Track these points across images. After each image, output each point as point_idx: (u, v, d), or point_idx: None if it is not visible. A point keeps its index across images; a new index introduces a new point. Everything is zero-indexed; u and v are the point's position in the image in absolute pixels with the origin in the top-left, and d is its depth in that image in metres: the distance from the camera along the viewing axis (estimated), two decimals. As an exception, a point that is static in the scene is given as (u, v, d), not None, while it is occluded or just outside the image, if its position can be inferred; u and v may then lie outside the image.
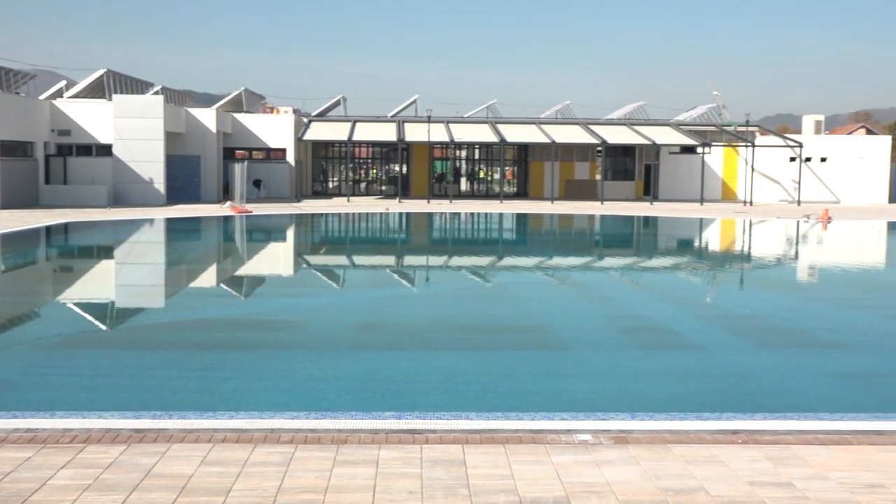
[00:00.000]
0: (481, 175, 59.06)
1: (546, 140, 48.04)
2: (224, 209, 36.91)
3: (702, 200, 48.43)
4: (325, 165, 56.66)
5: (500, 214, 39.74)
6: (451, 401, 8.03)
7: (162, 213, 34.15)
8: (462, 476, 5.46)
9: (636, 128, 51.75)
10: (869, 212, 43.83)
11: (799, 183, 50.81)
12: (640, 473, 5.54)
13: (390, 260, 23.29)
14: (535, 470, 5.59)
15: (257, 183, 46.23)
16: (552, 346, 11.13)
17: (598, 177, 51.98)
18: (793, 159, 51.83)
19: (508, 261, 23.24)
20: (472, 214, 40.01)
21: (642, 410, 7.42)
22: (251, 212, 35.94)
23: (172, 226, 30.50)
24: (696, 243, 29.94)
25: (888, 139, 55.82)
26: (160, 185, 39.13)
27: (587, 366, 9.84)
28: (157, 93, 45.11)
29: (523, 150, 54.63)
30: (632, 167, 53.70)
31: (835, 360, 10.33)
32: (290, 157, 47.54)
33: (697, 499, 5.13)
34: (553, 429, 6.59)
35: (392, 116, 53.89)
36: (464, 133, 49.47)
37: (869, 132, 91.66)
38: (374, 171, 59.81)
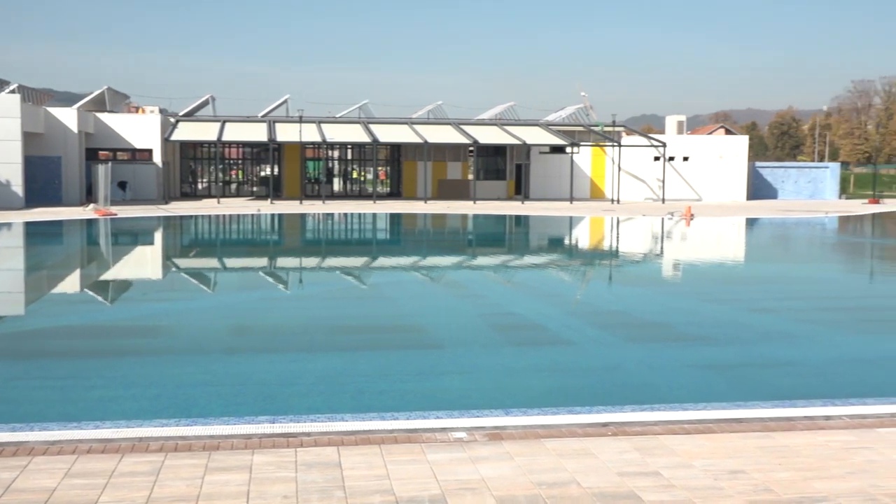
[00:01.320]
0: (354, 175, 58.86)
1: (418, 140, 48.24)
2: (87, 212, 35.66)
3: (571, 199, 49.53)
4: (193, 166, 55.41)
5: (374, 215, 39.71)
6: (326, 403, 7.97)
7: (20, 217, 32.74)
8: (338, 478, 5.42)
9: (507, 128, 52.51)
10: (729, 209, 45.66)
11: (663, 181, 52.52)
12: (514, 468, 5.61)
13: (262, 262, 22.96)
14: (411, 469, 5.60)
15: (122, 184, 44.85)
16: (427, 345, 11.18)
17: (470, 176, 52.51)
18: (657, 158, 53.54)
19: (383, 261, 23.23)
20: (345, 215, 39.83)
21: (516, 406, 7.53)
22: (116, 214, 34.84)
23: (32, 230, 29.28)
24: (567, 241, 30.59)
25: (745, 139, 58.28)
26: (18, 187, 37.53)
27: (462, 364, 9.91)
28: (13, 91, 43.19)
29: (396, 150, 54.73)
30: (503, 167, 54.47)
31: (698, 352, 10.70)
32: (157, 158, 46.29)
33: (569, 491, 5.23)
34: (428, 427, 6.62)
35: (263, 116, 53.12)
36: (336, 133, 49.20)
37: (728, 132, 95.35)
38: (240, 172, 58.83)
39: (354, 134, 49.75)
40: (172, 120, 49.55)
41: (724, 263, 22.84)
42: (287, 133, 48.04)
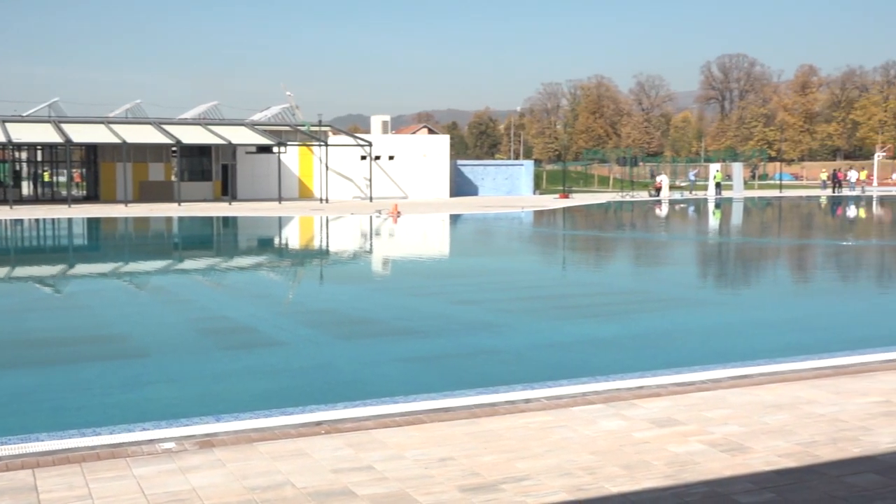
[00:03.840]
0: (46, 178, 55.14)
1: (117, 140, 46.04)
2: None
3: (280, 199, 49.25)
4: None
5: (70, 219, 37.39)
6: (19, 423, 7.38)
7: None
8: (34, 503, 5.04)
9: (211, 128, 51.30)
10: (433, 205, 47.28)
11: (370, 180, 53.46)
12: (227, 475, 5.48)
13: (-59, 274, 20.92)
14: (116, 486, 5.32)
15: None
16: (131, 354, 10.66)
17: (174, 177, 50.80)
18: (364, 158, 54.42)
19: (80, 268, 21.92)
20: (36, 221, 37.20)
21: (228, 412, 7.35)
22: None
23: None
24: (276, 241, 30.37)
25: (447, 138, 60.61)
26: None
27: (170, 372, 9.56)
28: None
29: (92, 150, 51.87)
30: (209, 167, 53.16)
31: (407, 345, 10.98)
32: None
33: (284, 493, 5.18)
34: (134, 440, 6.32)
35: (-64, 115, 48.45)
36: (23, 133, 45.84)
37: (430, 132, 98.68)
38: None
39: (45, 134, 46.59)
40: None
41: (429, 258, 23.62)
42: (-34, 133, 44.13)
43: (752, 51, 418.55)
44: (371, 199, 52.44)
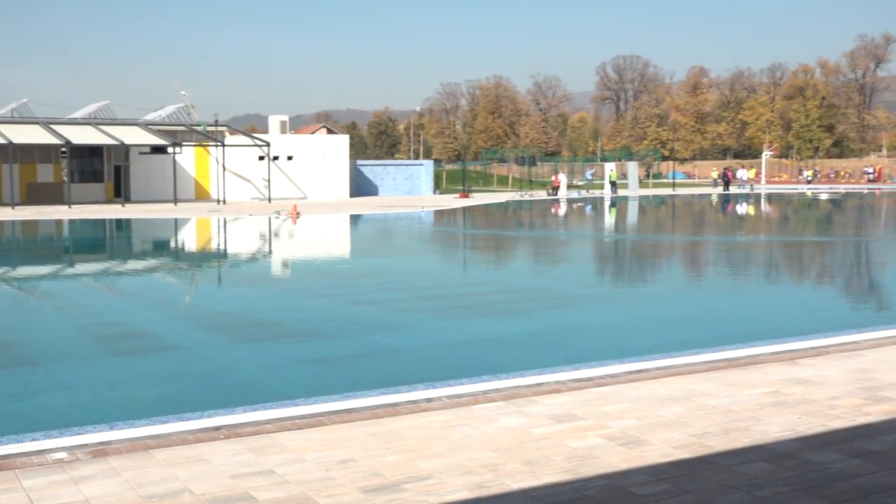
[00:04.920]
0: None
1: (2, 141, 44.42)
2: None
3: (175, 200, 48.28)
4: None
5: (-47, 223, 35.92)
6: None
7: None
8: (-86, 520, 4.82)
9: (103, 128, 49.97)
10: (334, 206, 47.00)
11: (269, 181, 52.85)
12: (121, 484, 5.34)
13: None
14: (4, 499, 5.12)
15: None
16: (19, 362, 10.30)
17: (64, 179, 49.30)
18: (262, 158, 53.75)
19: (-35, 274, 21.07)
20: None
21: (122, 419, 7.16)
22: None
23: None
24: (172, 244, 29.76)
25: (346, 138, 60.41)
26: None
27: (60, 379, 9.26)
28: None
29: (-24, 151, 49.92)
30: (101, 168, 51.77)
31: (307, 347, 10.89)
32: None
33: (182, 500, 5.07)
34: (23, 451, 6.09)
35: None
36: None
37: (330, 132, 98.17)
38: None
39: (-76, 134, 44.66)
40: None
41: (329, 259, 23.46)
42: None
43: (645, 52, 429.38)
44: (270, 199, 51.82)
